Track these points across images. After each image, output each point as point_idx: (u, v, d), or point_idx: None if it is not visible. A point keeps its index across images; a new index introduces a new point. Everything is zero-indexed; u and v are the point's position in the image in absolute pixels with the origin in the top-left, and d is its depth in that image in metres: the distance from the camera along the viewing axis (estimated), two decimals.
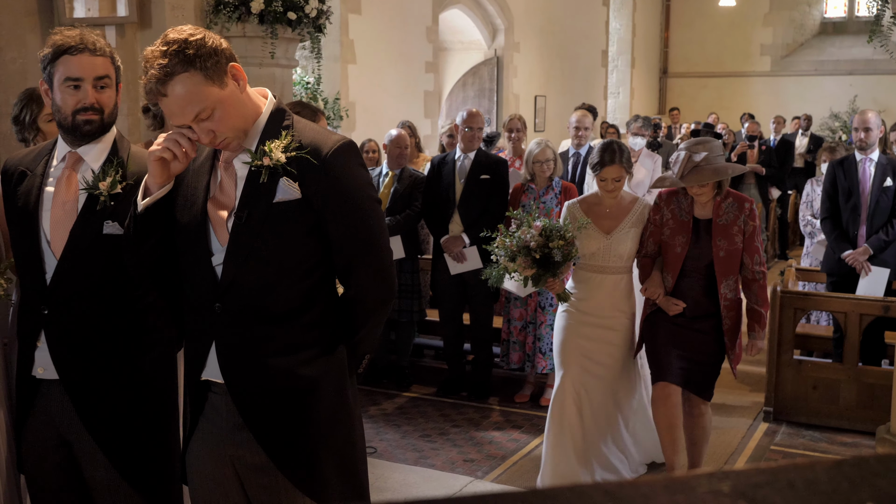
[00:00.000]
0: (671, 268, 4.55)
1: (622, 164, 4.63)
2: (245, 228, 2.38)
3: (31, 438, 2.86)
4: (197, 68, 2.28)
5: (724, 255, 4.42)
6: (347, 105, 10.57)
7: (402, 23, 11.73)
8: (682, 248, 4.50)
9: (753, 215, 4.46)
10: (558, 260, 4.41)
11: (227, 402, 2.45)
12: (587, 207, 4.76)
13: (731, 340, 4.50)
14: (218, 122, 2.33)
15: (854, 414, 5.80)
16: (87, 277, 2.76)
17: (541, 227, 4.45)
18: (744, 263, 4.49)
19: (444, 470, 5.15)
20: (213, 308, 2.42)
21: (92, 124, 2.78)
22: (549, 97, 15.40)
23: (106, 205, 2.75)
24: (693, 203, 4.52)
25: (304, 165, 2.37)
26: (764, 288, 4.55)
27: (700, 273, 4.49)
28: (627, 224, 4.68)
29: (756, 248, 4.47)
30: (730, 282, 4.46)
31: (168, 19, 5.85)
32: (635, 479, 0.64)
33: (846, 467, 0.65)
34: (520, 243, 4.43)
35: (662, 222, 4.59)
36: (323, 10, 6.68)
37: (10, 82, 5.25)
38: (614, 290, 4.73)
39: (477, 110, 6.61)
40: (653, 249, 4.66)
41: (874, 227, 6.23)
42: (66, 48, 2.73)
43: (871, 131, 6.28)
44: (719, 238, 4.42)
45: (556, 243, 4.38)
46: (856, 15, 19.76)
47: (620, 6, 19.16)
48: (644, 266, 4.70)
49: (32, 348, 2.80)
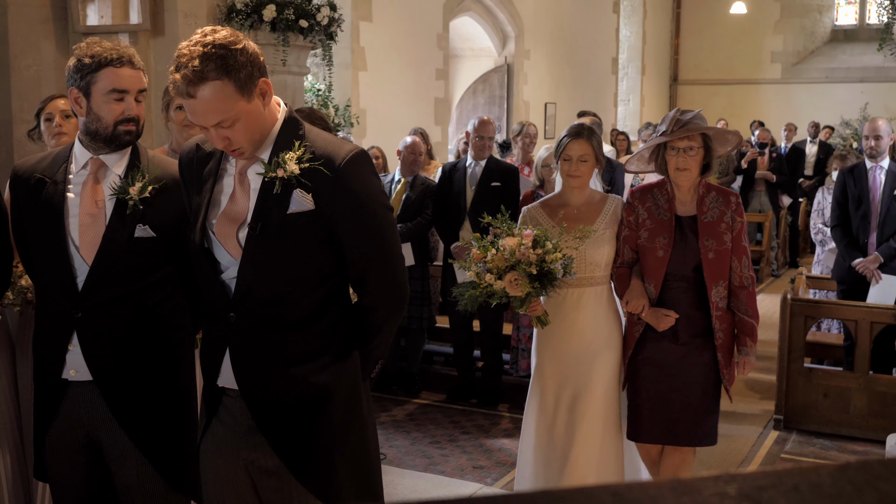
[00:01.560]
0: (653, 276, 3.92)
1: (591, 143, 4.01)
2: (259, 239, 2.40)
3: (56, 442, 2.88)
4: (230, 79, 2.29)
5: (713, 257, 3.84)
6: (358, 112, 10.61)
7: (413, 30, 11.77)
8: (665, 251, 3.87)
9: (741, 210, 3.94)
10: (559, 275, 3.68)
11: (241, 406, 2.48)
12: (551, 211, 4.09)
13: (725, 357, 3.90)
14: (237, 132, 2.34)
15: (865, 422, 5.79)
16: (120, 280, 2.81)
17: (533, 236, 3.70)
18: (731, 267, 3.91)
19: (454, 476, 5.16)
20: (227, 317, 2.45)
21: (131, 135, 2.86)
22: (559, 104, 15.42)
23: (136, 209, 2.81)
24: (673, 199, 3.92)
25: (317, 176, 2.39)
26: (753, 295, 3.96)
27: (687, 280, 3.89)
28: (601, 224, 4.02)
29: (744, 249, 3.93)
30: (720, 288, 3.88)
31: (181, 27, 5.90)
32: (643, 482, 0.65)
33: (851, 471, 0.66)
34: (512, 256, 3.65)
35: (639, 223, 3.96)
36: (334, 17, 6.72)
37: (26, 89, 5.30)
38: (596, 306, 4.03)
39: (489, 118, 6.63)
40: (630, 256, 4.01)
41: (884, 235, 6.22)
42: (109, 60, 2.79)
43: (881, 139, 6.28)
44: (706, 237, 3.84)
45: (556, 255, 3.65)
46: (867, 22, 19.72)
47: (631, 13, 19.18)
48: (621, 277, 4.03)
49: (63, 351, 2.83)
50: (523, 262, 3.63)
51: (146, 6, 5.81)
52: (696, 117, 3.86)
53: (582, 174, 4.02)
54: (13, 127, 5.29)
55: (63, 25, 5.57)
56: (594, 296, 4.03)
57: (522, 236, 3.71)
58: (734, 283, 3.92)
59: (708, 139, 3.85)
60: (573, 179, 4.03)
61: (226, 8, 6.46)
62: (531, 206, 4.15)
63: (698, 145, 3.82)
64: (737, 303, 3.92)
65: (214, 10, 6.46)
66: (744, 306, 3.91)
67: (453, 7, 12.65)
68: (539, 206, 4.12)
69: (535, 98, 14.74)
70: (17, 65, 5.35)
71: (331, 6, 6.81)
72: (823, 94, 19.03)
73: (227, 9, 6.46)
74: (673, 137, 3.83)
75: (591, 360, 3.98)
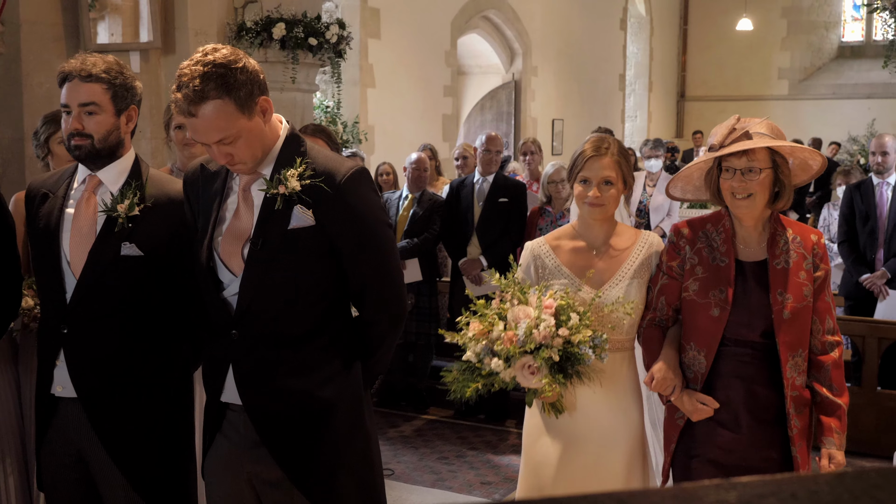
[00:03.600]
0: (704, 341, 2.94)
1: (617, 160, 3.04)
2: (261, 255, 2.43)
3: (49, 455, 2.90)
4: (231, 97, 2.32)
5: (790, 317, 2.87)
6: (367, 128, 10.67)
7: (422, 47, 11.83)
8: (722, 308, 2.90)
9: (825, 256, 2.97)
10: (588, 361, 2.76)
11: (245, 419, 2.50)
12: (560, 249, 3.12)
13: (802, 452, 2.92)
14: (239, 148, 2.38)
15: (873, 438, 5.77)
16: (105, 298, 2.80)
17: (555, 307, 2.78)
18: (811, 330, 2.94)
19: (462, 492, 5.16)
20: (229, 334, 2.47)
21: (81, 150, 2.84)
22: (566, 121, 15.46)
23: (124, 227, 2.80)
24: (733, 238, 2.96)
25: (318, 193, 2.42)
26: (841, 366, 2.99)
27: (752, 348, 2.92)
28: (627, 271, 3.06)
29: (828, 307, 2.97)
30: (798, 359, 2.91)
31: (191, 44, 5.95)
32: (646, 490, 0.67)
33: (848, 479, 0.68)
34: (528, 337, 2.71)
35: (685, 270, 2.99)
36: (343, 35, 6.78)
37: (38, 106, 5.35)
38: (614, 382, 3.03)
39: (496, 134, 6.68)
40: (666, 313, 3.05)
41: (892, 251, 6.23)
42: (64, 75, 2.82)
43: (888, 155, 6.30)
44: (780, 290, 2.88)
45: (584, 334, 2.73)
46: (873, 39, 19.75)
47: (638, 30, 19.24)
48: (650, 340, 3.05)
49: (52, 366, 2.84)
50: (544, 346, 2.72)
51: (157, 24, 5.87)
52: (761, 126, 2.92)
53: (605, 202, 3.02)
54: (25, 145, 5.34)
55: (75, 44, 5.62)
56: (613, 366, 3.01)
57: (542, 307, 2.78)
58: (815, 350, 2.96)
59: (778, 158, 2.88)
60: (594, 210, 3.04)
61: (236, 26, 6.52)
62: (535, 241, 3.18)
63: (764, 165, 2.84)
64: (819, 376, 2.96)
65: (225, 27, 6.52)
66: (828, 380, 2.95)
67: (461, 24, 12.73)
68: (545, 242, 3.14)
69: (542, 114, 14.78)
70: (30, 82, 5.41)
71: (340, 24, 6.86)
72: (830, 110, 19.05)
73: (237, 27, 6.51)
74: (724, 153, 2.87)
75: (601, 453, 3.04)
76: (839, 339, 3.00)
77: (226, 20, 6.55)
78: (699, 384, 2.96)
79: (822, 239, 2.98)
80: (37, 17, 5.44)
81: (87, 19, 5.64)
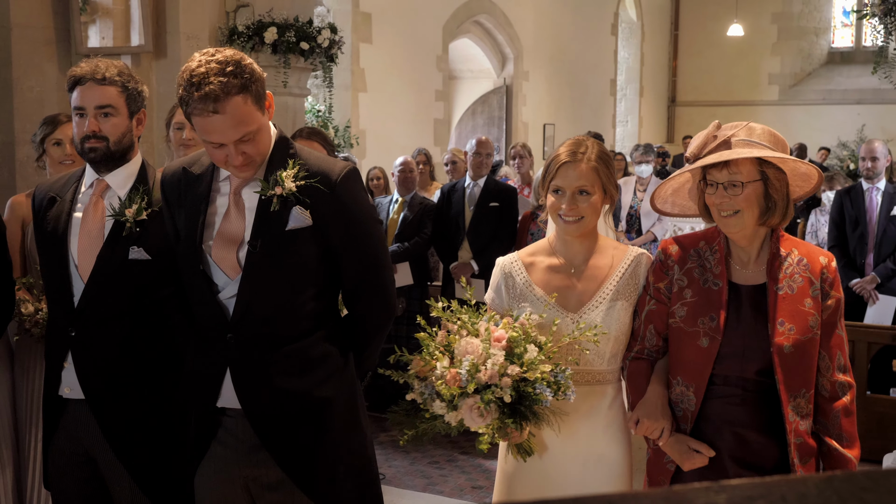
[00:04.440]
0: (692, 376, 2.55)
1: (595, 167, 2.63)
2: (259, 257, 2.44)
3: (57, 455, 2.91)
4: (251, 92, 2.35)
5: (792, 352, 2.46)
6: (358, 133, 10.67)
7: (413, 52, 11.85)
8: (712, 338, 2.51)
9: (837, 282, 2.56)
10: (543, 402, 2.39)
11: (244, 424, 2.50)
12: (535, 266, 2.73)
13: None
14: (255, 145, 2.40)
15: (862, 443, 5.75)
16: (113, 301, 2.82)
17: (506, 341, 2.42)
18: (819, 367, 2.53)
19: (453, 496, 5.16)
20: (224, 338, 2.47)
21: (96, 152, 2.85)
22: (557, 125, 15.49)
23: (132, 231, 2.82)
24: (727, 258, 2.58)
25: (315, 193, 2.44)
26: (853, 415, 2.58)
27: (748, 387, 2.51)
28: (609, 292, 2.66)
29: (840, 341, 2.55)
30: (801, 400, 2.49)
31: (183, 49, 5.95)
32: (636, 492, 0.68)
33: (836, 482, 0.69)
34: (472, 377, 2.36)
35: (673, 293, 2.61)
36: (335, 40, 6.79)
37: (29, 110, 5.34)
38: (591, 421, 2.66)
39: (486, 138, 6.69)
40: (655, 343, 2.66)
41: (882, 256, 6.26)
42: (77, 79, 2.83)
43: (877, 160, 6.34)
44: (782, 319, 2.48)
45: (540, 370, 2.38)
46: (863, 45, 19.85)
47: (629, 36, 19.30)
48: (636, 375, 2.67)
49: (60, 368, 2.86)
50: (495, 386, 2.37)
51: (148, 28, 5.86)
52: (744, 132, 2.53)
53: (581, 214, 2.63)
54: (15, 148, 5.32)
55: (66, 47, 5.61)
56: (594, 398, 2.67)
57: (490, 339, 2.42)
58: (822, 392, 2.55)
59: (768, 169, 2.48)
60: (569, 225, 2.65)
61: (227, 30, 6.52)
62: (507, 256, 2.80)
63: (749, 178, 2.46)
64: (826, 423, 2.56)
65: (216, 32, 6.52)
66: (837, 429, 2.55)
67: (453, 29, 12.74)
68: (518, 258, 2.76)
69: (533, 119, 14.81)
70: (20, 86, 5.40)
71: (331, 28, 6.87)
72: (820, 115, 19.14)
73: (228, 31, 6.51)
74: (698, 165, 2.52)
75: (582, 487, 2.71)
76: (851, 380, 2.55)
77: (217, 24, 6.55)
78: (689, 424, 2.55)
79: (833, 262, 2.54)
80: (27, 21, 5.43)
81: (79, 23, 5.63)
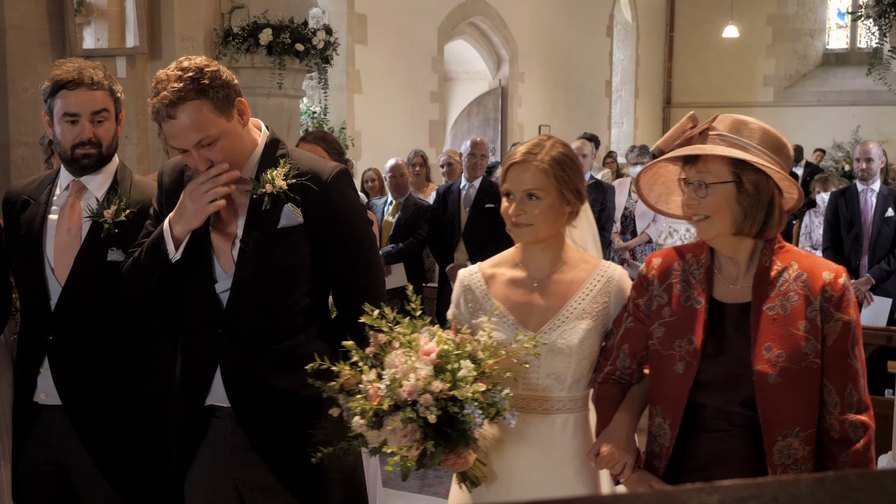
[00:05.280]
0: (668, 406, 2.25)
1: (546, 170, 2.39)
2: (251, 255, 2.46)
3: (27, 463, 2.87)
4: (208, 98, 2.35)
5: (778, 382, 2.11)
6: (353, 134, 10.67)
7: (408, 53, 11.85)
8: (688, 364, 2.20)
9: (847, 301, 2.16)
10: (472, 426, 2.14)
11: (233, 424, 2.49)
12: (495, 276, 2.52)
13: None
14: (218, 151, 2.40)
15: None
16: (91, 304, 2.79)
17: (436, 355, 2.18)
18: (824, 402, 2.16)
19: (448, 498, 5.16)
20: (215, 334, 2.47)
21: (90, 158, 2.82)
22: (553, 127, 15.50)
23: (110, 232, 2.80)
24: (711, 272, 2.27)
25: (306, 191, 2.47)
26: (870, 462, 2.22)
27: (732, 422, 2.19)
28: (573, 311, 2.41)
29: (853, 372, 2.17)
30: (793, 441, 2.13)
31: (178, 50, 5.95)
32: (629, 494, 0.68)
33: (828, 483, 0.69)
34: (392, 392, 2.14)
35: (650, 311, 2.31)
36: (330, 41, 6.79)
37: (23, 111, 5.33)
38: (553, 451, 2.42)
39: (481, 139, 6.70)
40: (628, 366, 2.37)
41: (876, 258, 6.27)
42: (64, 83, 2.77)
43: (872, 162, 6.34)
44: (769, 344, 2.14)
45: (471, 390, 2.13)
46: (858, 46, 19.88)
47: (624, 37, 19.31)
48: (604, 400, 2.40)
49: (35, 374, 2.82)
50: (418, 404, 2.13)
51: (143, 30, 5.86)
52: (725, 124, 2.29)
53: (531, 221, 2.40)
54: (10, 150, 5.32)
55: (61, 48, 5.61)
56: (554, 426, 2.42)
57: (419, 352, 2.19)
58: (830, 433, 2.17)
59: (743, 172, 2.17)
60: (518, 230, 2.43)
61: (222, 31, 6.52)
62: (468, 268, 2.60)
63: (717, 179, 2.16)
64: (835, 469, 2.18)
65: (211, 33, 6.51)
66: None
67: (448, 30, 12.75)
68: (479, 270, 2.55)
69: (529, 121, 14.82)
70: (15, 87, 5.39)
71: (326, 30, 6.87)
72: (815, 117, 19.16)
73: (223, 32, 6.51)
74: (660, 160, 2.31)
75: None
76: (868, 420, 2.17)
77: (212, 25, 6.54)
78: (663, 462, 2.25)
79: (841, 279, 2.15)
80: (22, 23, 5.42)
81: (73, 24, 5.62)
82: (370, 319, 2.28)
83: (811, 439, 2.14)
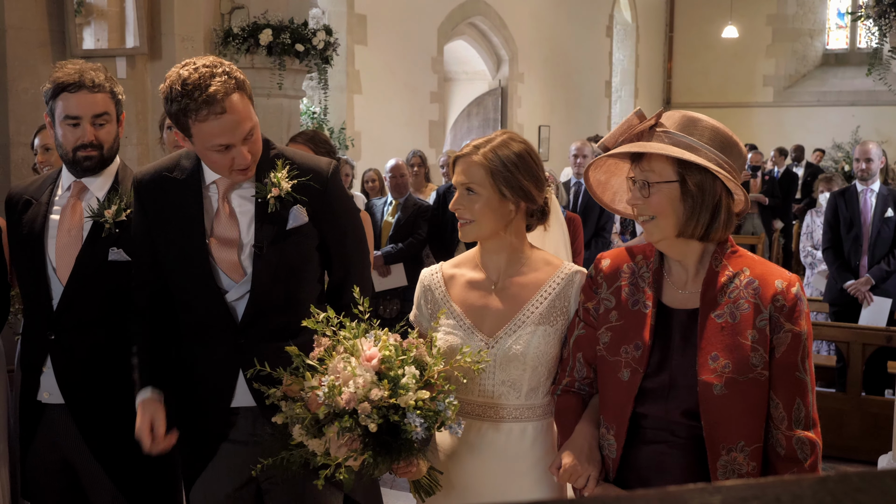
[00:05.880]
0: (613, 416, 2.16)
1: (485, 164, 2.31)
2: (266, 259, 2.48)
3: (35, 463, 2.89)
4: (245, 90, 2.42)
5: (724, 394, 2.03)
6: (353, 135, 10.67)
7: (408, 54, 11.85)
8: (633, 371, 2.12)
9: (798, 312, 2.06)
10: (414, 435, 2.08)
11: (255, 419, 2.52)
12: (454, 277, 2.44)
13: None
14: (255, 142, 2.45)
15: (857, 444, 5.81)
16: (92, 303, 2.81)
17: (378, 361, 2.11)
18: (771, 416, 2.08)
19: None
20: (235, 343, 2.50)
21: (91, 160, 2.84)
22: (553, 127, 15.50)
23: (111, 232, 2.81)
24: (660, 273, 2.18)
25: (309, 190, 2.52)
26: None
27: (675, 431, 2.11)
28: (530, 316, 2.31)
29: (801, 386, 2.08)
30: (738, 455, 2.05)
31: (178, 51, 5.94)
32: (632, 493, 0.68)
33: (830, 483, 0.69)
34: (331, 399, 2.08)
35: (599, 314, 2.22)
36: (330, 42, 6.79)
37: (23, 112, 5.33)
38: (511, 462, 2.33)
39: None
40: (585, 375, 2.27)
41: (876, 258, 6.28)
42: (65, 85, 2.78)
43: (871, 162, 6.35)
44: (715, 353, 2.05)
45: (415, 398, 2.06)
46: (857, 47, 19.89)
47: (624, 37, 19.32)
48: (564, 412, 2.29)
49: (38, 373, 2.84)
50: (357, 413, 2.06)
51: (143, 30, 5.86)
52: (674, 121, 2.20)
53: (471, 217, 2.33)
54: (10, 150, 5.31)
55: (61, 49, 5.60)
56: (511, 436, 2.33)
57: (361, 357, 2.11)
58: (777, 448, 2.09)
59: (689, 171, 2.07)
60: (459, 226, 2.38)
61: (222, 32, 6.52)
62: (430, 268, 2.52)
63: (661, 178, 2.08)
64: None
65: (211, 33, 6.51)
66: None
67: (448, 31, 12.75)
68: (439, 270, 2.48)
69: (528, 121, 14.81)
70: (15, 88, 5.38)
71: (326, 30, 6.87)
72: (815, 117, 19.16)
73: (223, 32, 6.51)
74: (603, 156, 2.21)
75: None
76: (815, 437, 2.10)
77: (212, 26, 6.54)
78: (612, 474, 2.17)
79: (794, 288, 2.06)
80: (22, 23, 5.42)
81: (73, 25, 5.62)
82: (311, 323, 2.22)
83: (757, 454, 2.06)
